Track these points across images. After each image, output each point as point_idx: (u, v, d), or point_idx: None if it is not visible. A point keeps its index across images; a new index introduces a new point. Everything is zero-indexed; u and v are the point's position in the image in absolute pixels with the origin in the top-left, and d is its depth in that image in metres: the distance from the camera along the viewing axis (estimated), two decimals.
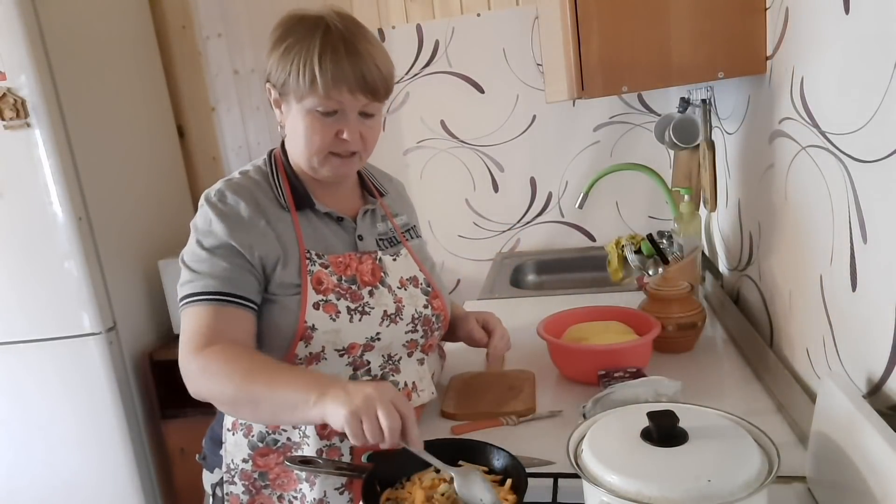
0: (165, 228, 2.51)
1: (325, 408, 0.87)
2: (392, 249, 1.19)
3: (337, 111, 1.04)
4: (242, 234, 1.05)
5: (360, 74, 1.01)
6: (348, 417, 0.84)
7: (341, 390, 0.88)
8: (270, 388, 0.93)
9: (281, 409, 0.94)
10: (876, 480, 0.68)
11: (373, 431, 0.85)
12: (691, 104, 1.89)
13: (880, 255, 0.79)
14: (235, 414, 1.07)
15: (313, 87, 1.01)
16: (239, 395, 0.95)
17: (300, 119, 1.05)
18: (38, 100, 1.95)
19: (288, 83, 1.03)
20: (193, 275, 1.04)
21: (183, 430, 2.27)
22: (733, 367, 1.32)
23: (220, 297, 1.02)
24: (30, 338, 2.12)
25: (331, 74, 1.00)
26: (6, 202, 2.02)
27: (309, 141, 1.06)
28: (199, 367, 0.98)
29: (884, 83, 0.75)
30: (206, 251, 1.04)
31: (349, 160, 1.09)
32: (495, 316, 1.29)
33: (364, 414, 0.84)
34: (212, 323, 1.00)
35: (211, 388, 0.97)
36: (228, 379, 0.95)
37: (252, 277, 1.05)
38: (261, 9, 2.53)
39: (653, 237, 1.87)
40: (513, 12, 2.38)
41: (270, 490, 1.13)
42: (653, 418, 0.74)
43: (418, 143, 2.55)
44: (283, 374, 0.95)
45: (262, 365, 0.97)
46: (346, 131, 1.05)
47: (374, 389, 0.87)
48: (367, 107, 1.06)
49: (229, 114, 2.66)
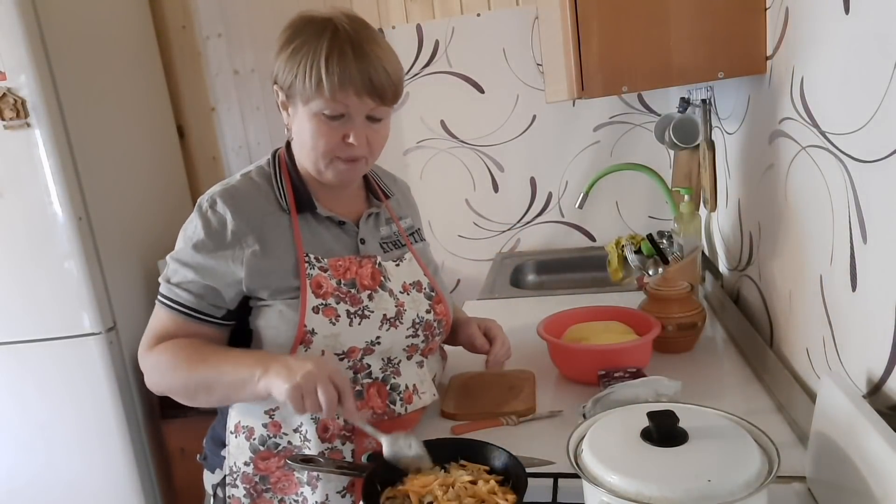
0: (165, 228, 2.51)
1: (269, 382, 0.94)
2: (396, 253, 1.18)
3: (343, 115, 1.03)
4: (222, 251, 1.06)
5: (367, 77, 1.00)
6: (290, 392, 0.91)
7: (283, 366, 0.94)
8: (218, 371, 1.01)
9: (231, 390, 1.01)
10: (876, 480, 0.68)
11: (312, 404, 0.92)
12: (691, 104, 1.89)
13: (880, 255, 0.79)
14: (194, 402, 1.09)
15: (319, 90, 1.00)
16: (190, 383, 1.03)
17: (306, 122, 1.04)
18: (38, 100, 1.95)
19: (295, 85, 1.02)
20: (168, 281, 1.08)
21: (183, 430, 2.27)
22: (733, 367, 1.32)
23: (184, 309, 1.06)
24: (30, 338, 2.12)
25: (337, 77, 0.99)
26: (6, 202, 2.02)
27: (315, 144, 1.05)
28: (150, 363, 1.06)
29: (884, 83, 0.75)
30: (184, 261, 1.07)
31: (355, 165, 1.08)
32: (497, 323, 1.28)
33: (305, 389, 0.91)
34: (171, 329, 1.07)
35: (165, 382, 1.05)
36: (178, 370, 1.03)
37: (219, 295, 1.06)
38: (261, 9, 2.53)
39: (653, 237, 1.87)
40: (513, 12, 2.38)
41: (272, 493, 1.13)
42: (653, 418, 0.74)
43: (418, 143, 2.55)
44: (229, 357, 1.02)
45: (207, 352, 1.04)
46: (353, 135, 1.04)
47: (314, 365, 0.93)
48: (374, 111, 1.04)
49: (229, 114, 2.66)
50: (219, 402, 1.10)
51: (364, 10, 2.45)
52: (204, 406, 1.12)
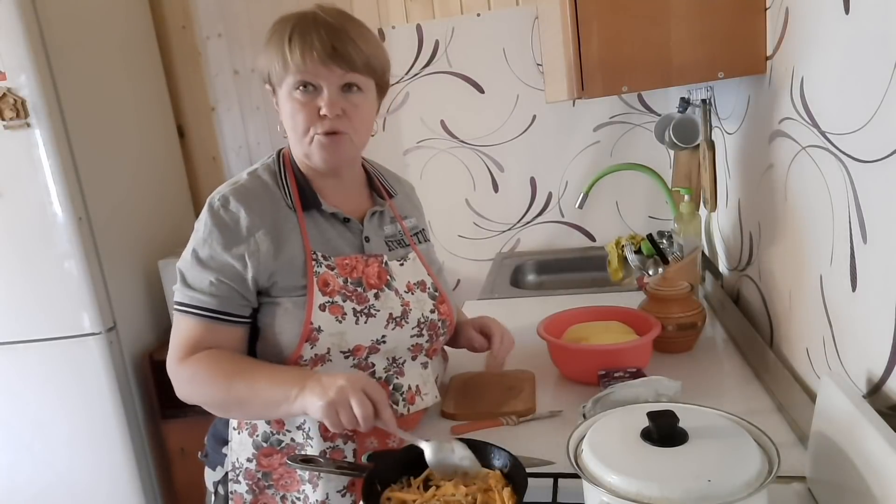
0: (165, 228, 2.51)
1: (304, 401, 0.94)
2: (400, 252, 1.18)
3: (314, 86, 1.04)
4: (237, 247, 1.05)
5: (329, 45, 1.01)
6: (325, 409, 0.91)
7: (317, 384, 0.94)
8: (252, 389, 1.00)
9: (267, 409, 1.01)
10: (876, 480, 0.68)
11: (349, 419, 0.91)
12: (691, 104, 1.89)
13: (880, 255, 0.79)
14: (227, 415, 1.10)
15: (286, 66, 1.02)
16: (226, 399, 1.03)
17: (286, 104, 1.06)
18: (38, 100, 1.95)
19: (272, 74, 1.06)
20: (186, 284, 1.06)
21: (183, 430, 2.27)
22: (733, 367, 1.32)
23: (209, 313, 1.05)
24: (30, 338, 2.12)
25: (299, 48, 1.01)
26: (6, 202, 2.02)
27: (294, 124, 1.06)
28: (185, 376, 1.05)
29: (883, 83, 0.75)
30: (200, 262, 1.06)
31: (336, 139, 1.06)
32: (491, 318, 1.28)
33: (339, 404, 0.91)
34: (199, 335, 1.05)
35: (200, 395, 1.04)
36: (213, 385, 1.02)
37: (243, 293, 1.06)
38: (261, 9, 2.53)
39: (653, 237, 1.87)
40: (513, 12, 2.38)
41: (274, 490, 1.13)
42: (653, 418, 0.74)
43: (418, 143, 2.55)
44: (263, 375, 1.01)
45: (243, 367, 1.03)
46: (324, 105, 1.03)
47: (346, 380, 0.93)
48: (344, 77, 1.04)
49: (229, 114, 2.66)
50: (253, 417, 1.10)
51: (364, 10, 2.45)
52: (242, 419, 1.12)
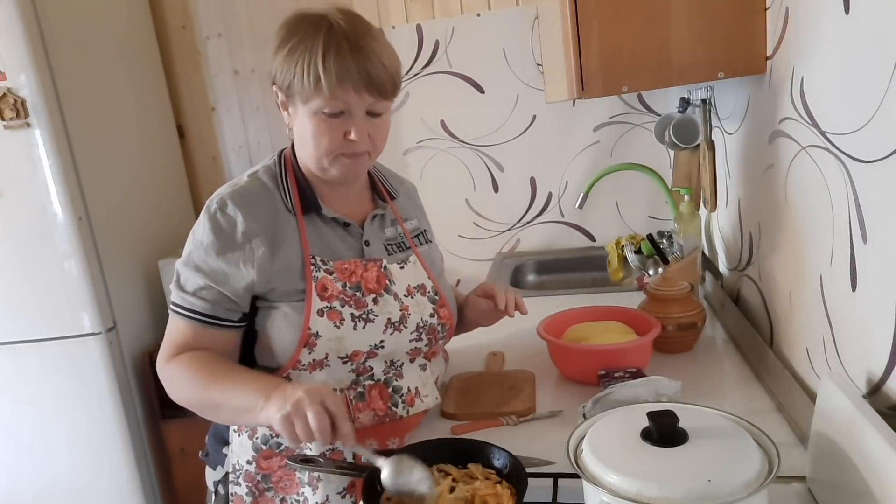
0: (165, 228, 2.51)
1: (267, 412, 0.92)
2: (401, 255, 1.17)
3: (343, 112, 1.02)
4: (233, 252, 1.05)
5: (364, 73, 0.99)
6: (282, 421, 0.89)
7: (280, 395, 0.92)
8: (225, 394, 1.01)
9: (237, 414, 1.02)
10: (876, 480, 0.68)
11: (304, 432, 0.89)
12: (691, 104, 1.89)
13: (880, 255, 0.79)
14: (207, 417, 1.10)
15: (318, 89, 0.99)
16: (202, 401, 1.04)
17: (307, 121, 1.03)
18: (38, 100, 1.95)
19: (293, 85, 1.01)
20: (179, 285, 1.07)
21: (183, 430, 2.27)
22: (733, 367, 1.32)
23: (198, 317, 1.05)
24: (30, 338, 2.12)
25: (335, 75, 0.98)
26: (6, 202, 2.02)
27: (317, 143, 1.04)
28: (167, 377, 1.07)
29: (883, 83, 0.75)
30: (193, 266, 1.06)
31: (359, 159, 1.07)
32: (487, 283, 1.30)
33: (295, 416, 0.89)
34: (187, 337, 1.06)
35: (179, 395, 1.06)
36: (192, 387, 1.03)
37: (233, 299, 1.06)
38: (261, 9, 2.53)
39: (653, 237, 1.87)
40: (513, 12, 2.38)
41: (273, 492, 1.13)
42: (653, 418, 0.74)
43: (418, 143, 2.55)
44: (237, 381, 1.02)
45: (221, 371, 1.03)
46: (354, 131, 1.03)
47: (305, 392, 0.90)
48: (374, 105, 1.03)
49: (229, 114, 2.66)
50: (227, 422, 1.12)
51: (364, 10, 2.44)
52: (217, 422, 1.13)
